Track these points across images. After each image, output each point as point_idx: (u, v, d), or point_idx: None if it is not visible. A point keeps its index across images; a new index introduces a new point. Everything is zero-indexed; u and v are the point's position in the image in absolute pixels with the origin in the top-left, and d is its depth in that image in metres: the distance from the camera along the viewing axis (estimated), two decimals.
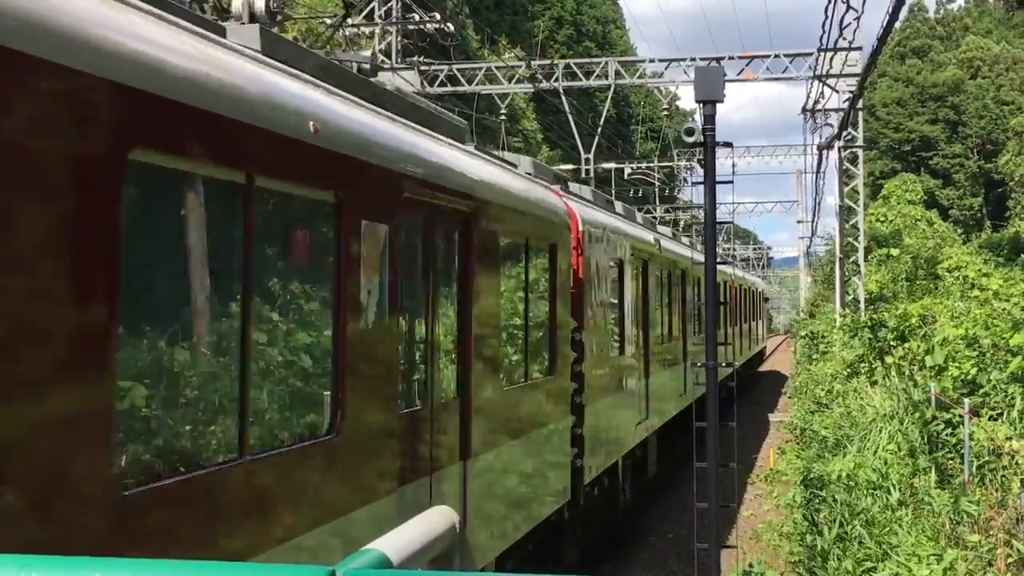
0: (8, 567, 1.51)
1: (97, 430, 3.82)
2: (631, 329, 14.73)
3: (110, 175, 3.91)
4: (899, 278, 38.10)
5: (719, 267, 11.17)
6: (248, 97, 4.90)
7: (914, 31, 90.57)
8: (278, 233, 5.38)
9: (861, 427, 16.05)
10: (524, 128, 54.83)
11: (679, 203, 77.41)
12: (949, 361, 15.41)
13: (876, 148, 79.64)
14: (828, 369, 26.31)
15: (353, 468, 5.78)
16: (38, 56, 3.60)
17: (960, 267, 34.74)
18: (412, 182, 6.65)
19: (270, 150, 5.01)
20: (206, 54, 4.71)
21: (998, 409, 13.64)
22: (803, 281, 78.53)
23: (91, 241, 3.81)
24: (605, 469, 12.94)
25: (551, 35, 69.52)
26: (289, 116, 5.26)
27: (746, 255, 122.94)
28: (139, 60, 4.15)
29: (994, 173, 77.60)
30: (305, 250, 5.73)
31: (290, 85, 5.52)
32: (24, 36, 3.55)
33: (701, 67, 10.81)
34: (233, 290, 4.81)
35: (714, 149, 10.00)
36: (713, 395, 9.97)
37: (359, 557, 1.74)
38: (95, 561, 1.53)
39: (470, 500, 7.72)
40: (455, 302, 7.63)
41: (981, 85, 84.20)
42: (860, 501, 11.81)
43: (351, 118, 6.11)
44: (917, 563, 9.68)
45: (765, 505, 16.68)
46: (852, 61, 29.67)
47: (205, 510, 4.45)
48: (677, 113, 77.65)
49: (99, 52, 3.91)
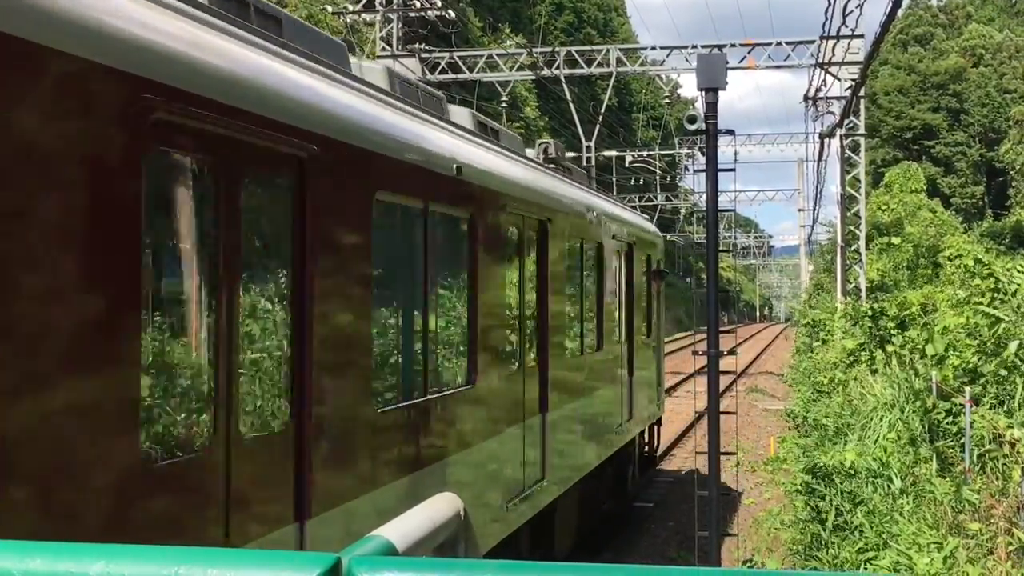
0: (10, 554, 1.50)
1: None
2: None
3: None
4: (900, 267, 38.11)
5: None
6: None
7: (916, 19, 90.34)
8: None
9: (862, 416, 16.06)
10: (526, 116, 54.76)
11: (680, 191, 77.42)
12: (950, 350, 15.41)
13: (878, 136, 79.55)
14: (829, 357, 26.33)
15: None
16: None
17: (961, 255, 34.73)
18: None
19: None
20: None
21: (999, 398, 13.65)
22: (804, 269, 78.56)
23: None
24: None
25: (551, 21, 69.38)
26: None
27: (747, 243, 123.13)
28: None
29: (996, 161, 77.50)
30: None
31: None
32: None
33: (703, 55, 10.77)
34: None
35: (716, 137, 9.98)
36: (714, 383, 9.98)
37: (364, 544, 1.73)
38: (99, 548, 1.53)
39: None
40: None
41: (983, 73, 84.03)
42: (861, 490, 11.83)
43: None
44: (918, 551, 9.70)
45: (766, 493, 16.71)
46: (854, 49, 29.61)
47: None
48: (679, 101, 77.57)
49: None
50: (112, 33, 3.93)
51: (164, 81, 4.14)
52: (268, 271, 5.16)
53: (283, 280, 5.19)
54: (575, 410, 11.25)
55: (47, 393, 3.61)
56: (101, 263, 3.84)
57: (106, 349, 3.85)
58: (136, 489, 3.99)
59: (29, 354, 3.54)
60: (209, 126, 4.46)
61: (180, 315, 4.49)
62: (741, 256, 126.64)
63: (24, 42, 3.49)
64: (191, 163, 4.51)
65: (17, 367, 3.50)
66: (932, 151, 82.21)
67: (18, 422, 3.51)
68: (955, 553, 9.39)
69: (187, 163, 4.51)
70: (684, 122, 10.64)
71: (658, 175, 61.12)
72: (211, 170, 4.57)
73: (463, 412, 7.76)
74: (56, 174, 3.64)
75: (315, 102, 5.59)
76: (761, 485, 17.57)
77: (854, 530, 11.05)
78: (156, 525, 4.09)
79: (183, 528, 4.28)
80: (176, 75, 4.25)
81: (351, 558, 1.52)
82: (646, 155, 58.03)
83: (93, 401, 3.78)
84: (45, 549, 1.52)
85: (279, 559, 1.51)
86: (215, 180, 4.58)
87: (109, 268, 3.87)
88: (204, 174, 4.58)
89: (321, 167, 5.41)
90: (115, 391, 3.88)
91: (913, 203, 49.28)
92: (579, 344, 11.61)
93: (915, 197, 50.48)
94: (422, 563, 1.59)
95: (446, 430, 7.40)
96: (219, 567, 1.49)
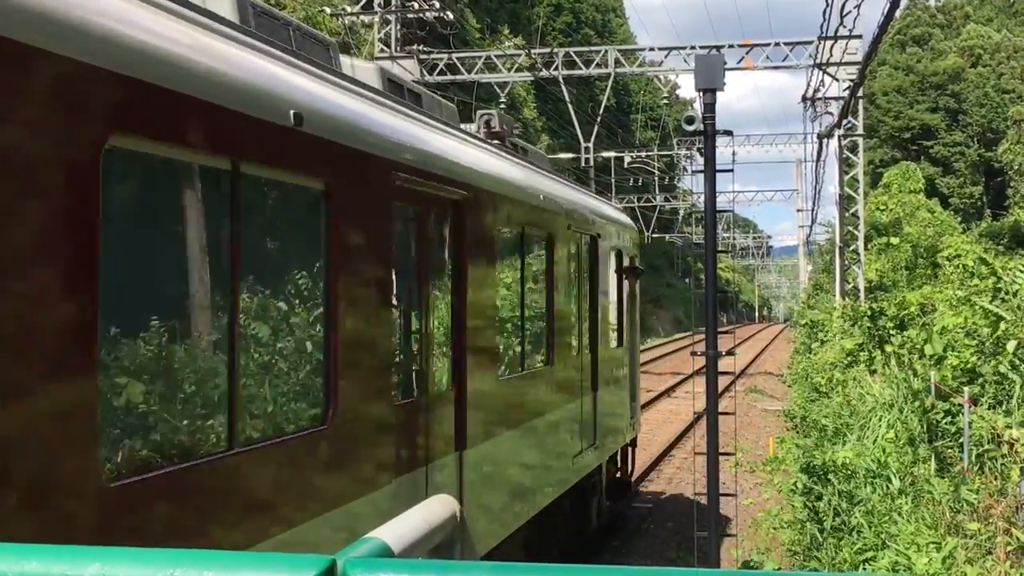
0: (5, 556, 1.50)
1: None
2: (390, 355, 6.58)
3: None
4: (899, 267, 38.13)
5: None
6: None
7: (915, 19, 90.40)
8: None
9: (861, 416, 16.06)
10: (524, 117, 54.77)
11: (679, 192, 77.47)
12: (948, 350, 15.41)
13: (876, 136, 79.60)
14: (828, 357, 26.33)
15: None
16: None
17: (959, 255, 34.76)
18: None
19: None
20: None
21: (998, 398, 13.66)
22: (803, 269, 78.59)
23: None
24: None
25: (549, 22, 69.40)
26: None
27: (746, 244, 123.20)
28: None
29: (994, 161, 77.55)
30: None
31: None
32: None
33: (701, 55, 10.78)
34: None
35: (714, 137, 9.99)
36: (713, 384, 9.98)
37: (359, 546, 1.73)
38: (94, 550, 1.53)
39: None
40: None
41: (982, 73, 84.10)
42: (860, 490, 11.83)
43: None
44: (916, 551, 9.70)
45: (765, 494, 16.71)
46: (852, 49, 29.64)
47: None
48: (677, 102, 77.60)
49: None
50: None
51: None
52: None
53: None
54: (511, 443, 8.94)
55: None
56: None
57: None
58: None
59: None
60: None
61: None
62: (740, 256, 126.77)
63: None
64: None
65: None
66: (930, 151, 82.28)
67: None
68: (954, 553, 9.39)
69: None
70: (682, 123, 10.63)
71: (657, 176, 61.14)
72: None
73: (313, 464, 5.42)
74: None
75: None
76: (760, 485, 17.57)
77: (852, 530, 11.05)
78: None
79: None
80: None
81: (346, 560, 1.52)
82: (645, 156, 58.04)
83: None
84: (40, 552, 1.52)
85: (275, 561, 1.51)
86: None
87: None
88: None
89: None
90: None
91: (911, 203, 49.33)
92: (518, 359, 9.36)
93: (913, 197, 50.53)
94: (417, 565, 1.59)
95: (273, 491, 5.05)
96: (215, 569, 1.49)
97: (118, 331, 4.12)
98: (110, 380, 4.05)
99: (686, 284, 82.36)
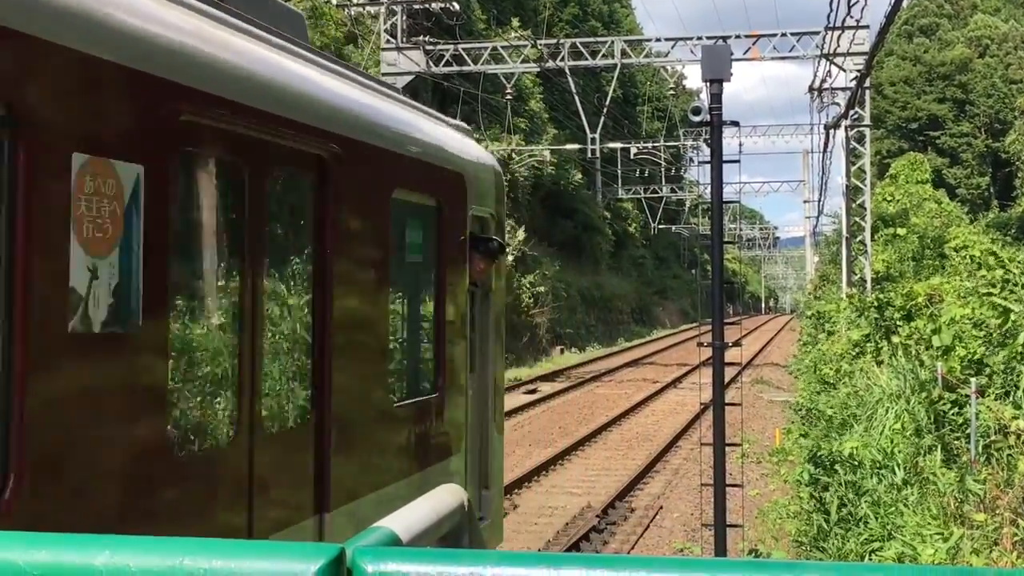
0: (16, 544, 1.50)
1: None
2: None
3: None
4: (906, 258, 38.05)
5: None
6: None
7: (922, 9, 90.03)
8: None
9: (867, 407, 16.05)
10: (530, 108, 54.67)
11: (685, 183, 77.31)
12: (956, 341, 15.38)
13: (883, 127, 79.34)
14: (835, 348, 26.30)
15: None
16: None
17: (967, 246, 34.68)
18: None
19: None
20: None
21: (1005, 388, 13.64)
22: (809, 260, 78.47)
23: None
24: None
25: (556, 13, 69.24)
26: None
27: (753, 235, 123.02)
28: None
29: (1002, 152, 77.32)
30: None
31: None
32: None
33: (707, 46, 10.75)
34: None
35: (720, 128, 9.96)
36: (719, 375, 9.97)
37: (369, 535, 1.73)
38: (103, 539, 1.53)
39: None
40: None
41: (989, 64, 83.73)
42: (866, 481, 11.83)
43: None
44: (922, 542, 9.70)
45: (771, 484, 16.71)
46: (859, 40, 29.52)
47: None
48: (683, 92, 77.29)
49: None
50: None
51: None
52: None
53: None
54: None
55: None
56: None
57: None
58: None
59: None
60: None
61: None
62: (746, 248, 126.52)
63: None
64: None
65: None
66: (937, 142, 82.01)
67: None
68: (960, 544, 9.38)
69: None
70: (689, 114, 10.58)
71: (663, 167, 61.04)
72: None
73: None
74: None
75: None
76: (766, 476, 17.57)
77: (859, 521, 11.05)
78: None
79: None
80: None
81: (355, 549, 1.53)
82: (651, 147, 57.89)
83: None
84: (50, 540, 1.53)
85: (283, 550, 1.51)
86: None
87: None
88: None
89: None
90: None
91: (919, 194, 49.22)
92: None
93: (921, 188, 50.43)
94: (425, 554, 1.59)
95: None
96: (223, 558, 1.50)
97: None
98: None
99: (692, 275, 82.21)
